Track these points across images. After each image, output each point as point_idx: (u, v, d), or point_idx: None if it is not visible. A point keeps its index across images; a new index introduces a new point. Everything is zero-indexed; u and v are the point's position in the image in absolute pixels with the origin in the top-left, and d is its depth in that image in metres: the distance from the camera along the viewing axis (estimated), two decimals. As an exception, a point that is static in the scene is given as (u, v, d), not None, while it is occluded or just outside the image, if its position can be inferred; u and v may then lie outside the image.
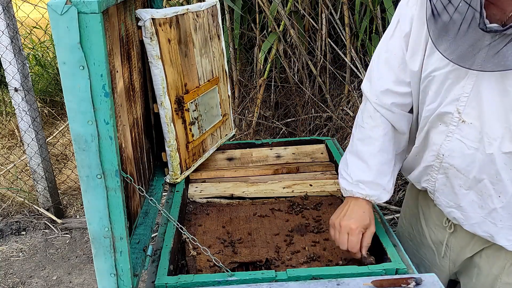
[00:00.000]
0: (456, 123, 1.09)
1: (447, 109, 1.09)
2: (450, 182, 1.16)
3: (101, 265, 0.95)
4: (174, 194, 1.50)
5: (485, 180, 1.08)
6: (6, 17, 2.68)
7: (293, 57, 3.42)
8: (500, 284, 1.20)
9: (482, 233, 1.15)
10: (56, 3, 0.76)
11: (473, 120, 1.06)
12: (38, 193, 3.15)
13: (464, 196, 1.14)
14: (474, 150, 1.07)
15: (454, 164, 1.12)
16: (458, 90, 1.06)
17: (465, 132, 1.08)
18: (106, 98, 0.83)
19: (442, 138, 1.13)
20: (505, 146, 1.02)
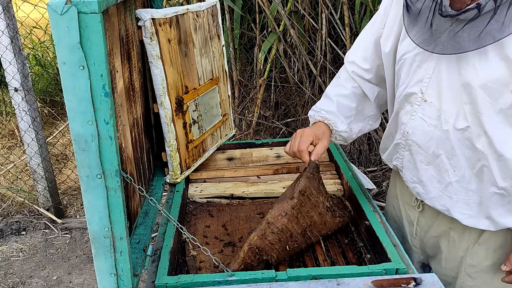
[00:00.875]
0: (419, 102, 1.18)
1: (413, 90, 1.19)
2: (413, 158, 1.25)
3: (101, 265, 0.95)
4: (174, 194, 1.50)
5: (442, 155, 1.17)
6: (6, 17, 2.68)
7: (293, 57, 3.42)
8: (466, 266, 1.26)
9: (440, 206, 1.23)
10: (56, 3, 0.76)
11: (433, 99, 1.15)
12: (38, 193, 3.15)
13: (425, 171, 1.22)
14: (433, 127, 1.16)
15: (416, 141, 1.22)
16: (422, 72, 1.16)
17: (426, 110, 1.17)
18: (106, 98, 0.83)
19: (408, 117, 1.22)
20: (459, 123, 1.11)
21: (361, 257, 1.29)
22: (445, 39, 1.05)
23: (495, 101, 1.03)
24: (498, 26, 0.97)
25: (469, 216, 1.18)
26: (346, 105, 1.40)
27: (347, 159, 1.71)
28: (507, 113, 1.04)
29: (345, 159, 1.70)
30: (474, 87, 1.05)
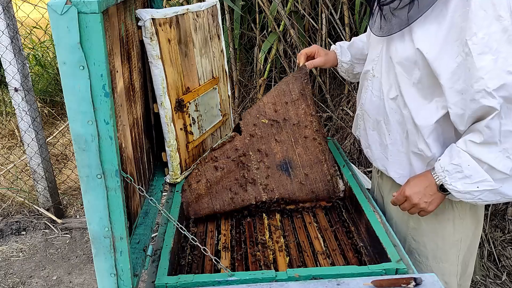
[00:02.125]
0: (371, 78, 1.40)
1: (368, 67, 1.42)
2: (365, 126, 1.46)
3: (101, 265, 0.95)
4: (174, 194, 1.50)
5: (381, 121, 1.37)
6: (6, 17, 2.68)
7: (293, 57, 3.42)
8: (410, 230, 1.42)
9: (381, 167, 1.42)
10: (56, 3, 0.76)
11: (378, 74, 1.36)
12: (38, 193, 3.15)
13: (372, 136, 1.43)
14: (377, 98, 1.37)
15: (366, 110, 1.43)
16: (374, 53, 1.38)
17: (374, 84, 1.38)
18: (106, 98, 0.83)
19: (364, 91, 1.45)
20: (391, 93, 1.31)
21: (361, 257, 1.29)
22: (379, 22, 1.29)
23: (409, 76, 1.24)
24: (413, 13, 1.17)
25: (402, 176, 1.35)
26: (359, 47, 1.66)
27: (347, 159, 1.71)
28: (418, 86, 1.23)
29: (345, 159, 1.70)
30: (394, 64, 1.27)
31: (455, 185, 1.19)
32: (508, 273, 2.37)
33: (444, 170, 1.21)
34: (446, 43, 1.14)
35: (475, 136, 1.16)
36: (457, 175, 1.19)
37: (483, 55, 1.08)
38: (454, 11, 1.12)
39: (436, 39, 1.15)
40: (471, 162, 1.17)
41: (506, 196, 1.18)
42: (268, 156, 1.58)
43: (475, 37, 1.08)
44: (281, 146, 1.59)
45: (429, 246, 1.40)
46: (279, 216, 1.51)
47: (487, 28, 1.07)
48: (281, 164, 1.58)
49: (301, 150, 1.59)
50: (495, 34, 1.07)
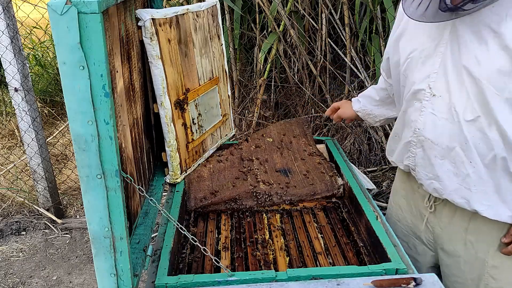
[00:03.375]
0: (428, 98, 1.20)
1: (420, 86, 1.21)
2: (427, 155, 1.25)
3: (101, 265, 0.95)
4: (174, 194, 1.50)
5: (456, 148, 1.17)
6: (6, 17, 2.68)
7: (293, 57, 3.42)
8: (488, 268, 1.24)
9: (459, 199, 1.21)
10: (56, 3, 0.76)
11: (442, 93, 1.16)
12: (38, 193, 3.15)
13: (440, 166, 1.22)
14: (445, 121, 1.17)
15: (428, 136, 1.22)
16: (428, 68, 1.19)
17: (436, 105, 1.18)
18: (106, 98, 0.83)
19: (417, 114, 1.24)
20: (468, 114, 1.12)
21: (361, 257, 1.29)
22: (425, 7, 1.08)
23: (501, 91, 1.05)
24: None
25: (489, 207, 1.17)
26: (371, 96, 1.64)
27: (347, 159, 1.71)
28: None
29: (345, 159, 1.70)
30: (478, 78, 1.07)
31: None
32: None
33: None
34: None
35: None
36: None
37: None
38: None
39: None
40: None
41: None
42: (269, 162, 1.69)
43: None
44: (281, 159, 1.71)
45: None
46: (279, 216, 1.51)
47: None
48: (281, 170, 1.65)
49: (300, 163, 1.69)
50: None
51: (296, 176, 1.60)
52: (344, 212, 1.51)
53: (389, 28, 3.07)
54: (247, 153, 1.74)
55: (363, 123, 3.29)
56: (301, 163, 1.68)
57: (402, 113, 1.32)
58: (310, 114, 3.43)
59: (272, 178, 1.58)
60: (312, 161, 1.68)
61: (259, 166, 1.65)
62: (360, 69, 3.26)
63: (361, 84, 3.39)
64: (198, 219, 1.51)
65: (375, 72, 3.25)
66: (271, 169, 1.64)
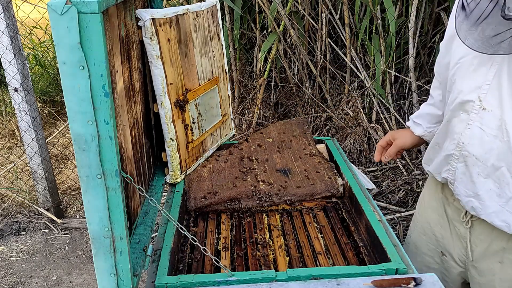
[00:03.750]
0: (477, 111, 1.11)
1: (469, 97, 1.12)
2: (469, 171, 1.17)
3: (101, 265, 0.95)
4: (174, 194, 1.50)
5: (503, 168, 1.09)
6: (6, 17, 2.68)
7: (293, 57, 3.42)
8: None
9: (499, 222, 1.14)
10: (56, 3, 0.76)
11: (494, 107, 1.07)
12: (38, 193, 3.15)
13: (482, 184, 1.14)
14: (493, 138, 1.09)
15: (473, 152, 1.14)
16: (480, 78, 1.09)
17: (485, 119, 1.09)
18: (106, 98, 0.83)
19: (463, 127, 1.15)
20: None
21: (361, 257, 1.29)
22: (501, 40, 0.97)
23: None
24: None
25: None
26: (429, 113, 1.44)
27: (347, 159, 1.71)
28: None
29: (345, 159, 1.70)
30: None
31: None
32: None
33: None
34: None
35: None
36: None
37: None
38: None
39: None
40: None
41: None
42: (269, 162, 1.69)
43: None
44: (281, 159, 1.72)
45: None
46: (279, 216, 1.51)
47: None
48: (281, 170, 1.65)
49: (300, 163, 1.69)
50: None
51: (296, 176, 1.60)
52: (344, 212, 1.51)
53: (389, 28, 3.07)
54: (247, 153, 1.74)
55: (363, 123, 3.29)
56: (301, 163, 1.68)
57: (446, 122, 1.23)
58: (310, 114, 3.43)
59: (272, 178, 1.58)
60: (312, 161, 1.68)
61: (259, 166, 1.65)
62: (360, 69, 3.26)
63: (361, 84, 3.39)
64: (198, 219, 1.51)
65: (375, 72, 3.25)
66: (271, 169, 1.64)
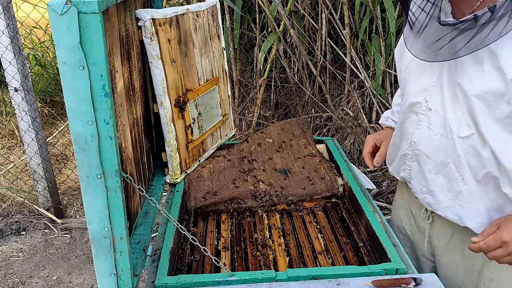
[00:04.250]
0: (424, 111, 1.19)
1: (417, 99, 1.20)
2: (421, 169, 1.24)
3: (101, 265, 0.95)
4: (174, 194, 1.50)
5: (450, 164, 1.16)
6: (6, 17, 2.68)
7: (293, 57, 3.42)
8: (484, 280, 1.23)
9: (452, 216, 1.20)
10: (56, 3, 0.76)
11: (438, 107, 1.15)
12: (38, 193, 3.15)
13: (434, 180, 1.21)
14: (440, 136, 1.16)
15: (423, 150, 1.21)
16: (425, 81, 1.17)
17: (432, 119, 1.17)
18: (106, 98, 0.83)
19: (413, 127, 1.23)
20: (462, 131, 1.11)
21: (361, 257, 1.29)
22: (439, 46, 1.05)
23: (492, 111, 1.04)
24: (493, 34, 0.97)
25: (482, 225, 1.15)
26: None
27: (347, 159, 1.71)
28: (505, 122, 1.04)
29: (345, 159, 1.70)
30: (470, 97, 1.06)
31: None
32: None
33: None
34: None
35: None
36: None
37: None
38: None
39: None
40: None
41: None
42: (269, 162, 1.69)
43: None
44: (281, 159, 1.71)
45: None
46: (279, 216, 1.51)
47: None
48: (281, 170, 1.65)
49: (300, 163, 1.68)
50: None
51: (296, 176, 1.60)
52: (344, 212, 1.51)
53: (389, 28, 3.07)
54: (247, 153, 1.74)
55: (363, 123, 3.29)
56: (301, 163, 1.67)
57: (400, 123, 1.31)
58: (310, 114, 3.43)
59: (272, 178, 1.58)
60: (312, 161, 1.68)
61: (259, 166, 1.65)
62: (360, 69, 3.27)
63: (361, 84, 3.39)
64: (198, 219, 1.51)
65: (375, 72, 3.25)
66: (271, 169, 1.64)
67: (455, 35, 1.03)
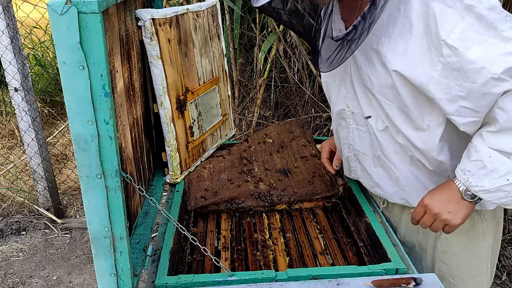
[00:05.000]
0: (349, 115, 1.29)
1: (341, 107, 1.31)
2: (363, 166, 1.34)
3: (101, 265, 0.95)
4: (174, 194, 1.50)
5: (381, 156, 1.26)
6: (6, 17, 2.68)
7: (293, 57, 3.42)
8: (438, 254, 1.32)
9: (400, 201, 1.30)
10: (56, 3, 0.76)
11: (357, 109, 1.26)
12: (38, 193, 3.15)
13: (376, 174, 1.31)
14: (366, 133, 1.27)
15: (359, 149, 1.32)
16: (343, 89, 1.29)
17: (357, 120, 1.28)
18: (106, 98, 0.83)
19: (346, 131, 1.33)
20: (379, 125, 1.22)
21: (361, 257, 1.29)
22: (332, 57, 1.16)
23: (393, 101, 1.15)
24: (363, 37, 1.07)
25: None
26: None
27: (347, 159, 1.71)
28: (404, 110, 1.15)
29: (345, 159, 1.70)
30: (374, 94, 1.18)
31: (482, 184, 1.05)
32: (508, 273, 2.38)
33: (465, 171, 1.07)
34: (422, 54, 1.05)
35: (490, 126, 1.04)
36: (481, 172, 1.05)
37: (469, 48, 0.99)
38: (418, 20, 1.04)
39: (408, 55, 1.07)
40: (493, 153, 1.03)
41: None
42: (269, 162, 1.68)
43: (453, 34, 0.99)
44: (281, 159, 1.70)
45: (463, 267, 1.30)
46: (279, 216, 1.51)
47: (462, 22, 0.99)
48: (281, 170, 1.64)
49: (300, 164, 1.68)
50: (471, 26, 0.99)
51: (296, 176, 1.60)
52: (344, 212, 1.51)
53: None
54: (247, 153, 1.73)
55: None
56: (301, 163, 1.67)
57: (335, 131, 1.42)
58: (310, 114, 3.43)
59: (272, 178, 1.58)
60: (312, 161, 1.68)
61: (259, 166, 1.65)
62: (360, 69, 3.26)
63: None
64: (198, 219, 1.51)
65: (375, 72, 3.24)
66: (271, 169, 1.64)
67: (342, 45, 1.14)
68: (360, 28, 1.07)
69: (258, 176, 1.59)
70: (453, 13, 1.00)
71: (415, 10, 1.04)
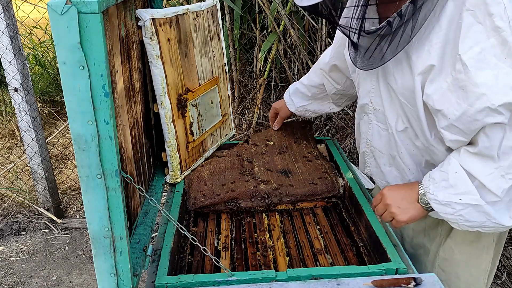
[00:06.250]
0: (372, 111, 1.29)
1: (365, 101, 1.31)
2: (378, 163, 1.34)
3: (101, 265, 0.95)
4: (174, 194, 1.50)
5: (396, 156, 1.26)
6: (6, 17, 2.68)
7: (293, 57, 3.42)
8: (439, 260, 1.33)
9: None
10: (56, 3, 0.76)
11: (380, 106, 1.26)
12: (38, 193, 3.15)
13: (389, 173, 1.31)
14: (385, 131, 1.27)
15: (376, 146, 1.32)
16: (368, 83, 1.28)
17: (378, 117, 1.28)
18: (106, 98, 0.83)
19: (366, 126, 1.34)
20: (398, 126, 1.22)
21: (361, 257, 1.29)
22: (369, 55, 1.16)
23: (413, 106, 1.14)
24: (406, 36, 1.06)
25: None
26: (303, 92, 1.73)
27: (347, 159, 1.71)
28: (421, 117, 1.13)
29: (345, 159, 1.70)
30: (397, 95, 1.17)
31: (437, 194, 1.08)
32: (508, 273, 2.38)
33: (430, 178, 1.11)
34: (443, 61, 1.03)
35: (471, 146, 1.06)
36: (442, 184, 1.08)
37: (481, 70, 0.97)
38: (448, 26, 1.01)
39: (429, 59, 1.05)
40: (459, 170, 1.06)
41: (492, 220, 1.05)
42: (269, 163, 1.68)
43: (470, 51, 0.97)
44: (282, 160, 1.70)
45: (462, 277, 1.30)
46: (279, 216, 1.51)
47: (485, 42, 0.96)
48: (281, 170, 1.64)
49: (301, 164, 1.67)
50: (493, 48, 0.96)
51: (296, 177, 1.60)
52: (344, 212, 1.51)
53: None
54: (247, 154, 1.74)
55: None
56: (302, 164, 1.67)
57: (356, 124, 1.42)
58: (310, 114, 3.42)
59: (272, 179, 1.58)
60: (313, 162, 1.68)
61: (260, 167, 1.65)
62: (360, 69, 3.26)
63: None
64: (198, 219, 1.51)
65: (375, 72, 3.24)
66: (271, 170, 1.64)
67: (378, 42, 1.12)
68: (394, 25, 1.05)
69: (259, 176, 1.59)
70: (480, 30, 0.97)
71: (448, 16, 1.01)
